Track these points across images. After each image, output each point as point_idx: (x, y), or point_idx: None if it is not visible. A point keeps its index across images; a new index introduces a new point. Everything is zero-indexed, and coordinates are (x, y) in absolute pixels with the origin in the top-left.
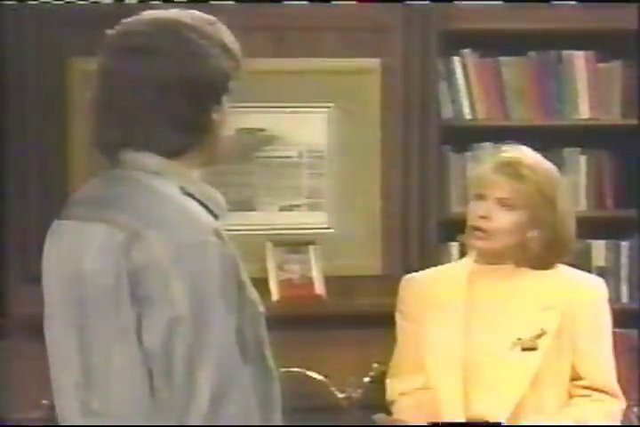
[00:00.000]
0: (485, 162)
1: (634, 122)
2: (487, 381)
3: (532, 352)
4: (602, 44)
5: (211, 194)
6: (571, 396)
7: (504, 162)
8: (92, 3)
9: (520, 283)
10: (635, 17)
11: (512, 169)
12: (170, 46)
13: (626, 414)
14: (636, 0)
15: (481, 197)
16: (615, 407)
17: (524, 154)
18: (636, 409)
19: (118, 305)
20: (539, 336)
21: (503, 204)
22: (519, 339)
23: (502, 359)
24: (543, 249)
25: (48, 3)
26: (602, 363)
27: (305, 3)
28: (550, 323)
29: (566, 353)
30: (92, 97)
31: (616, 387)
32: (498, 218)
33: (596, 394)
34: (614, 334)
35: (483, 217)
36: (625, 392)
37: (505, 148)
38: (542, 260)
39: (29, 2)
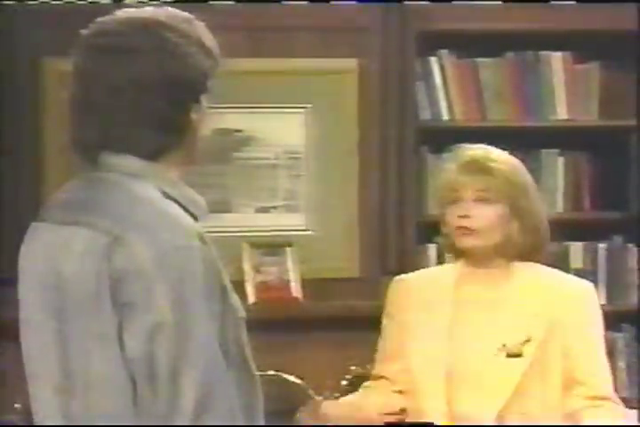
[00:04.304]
0: (449, 165)
1: (611, 123)
2: (471, 386)
3: (516, 359)
4: (579, 44)
5: (191, 196)
6: (570, 406)
7: (469, 160)
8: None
9: (508, 288)
10: (613, 18)
11: (479, 165)
12: (146, 46)
13: None
14: (635, 0)
15: (456, 199)
16: (620, 413)
17: (486, 150)
18: None
19: (99, 310)
20: (524, 343)
21: (480, 199)
22: (504, 345)
23: (486, 365)
24: (527, 239)
25: (24, 3)
26: (601, 369)
27: (282, 3)
28: (537, 330)
29: (554, 360)
30: (69, 98)
31: (613, 392)
32: (479, 214)
33: (600, 402)
34: None
35: (463, 216)
36: None
37: (464, 147)
38: (527, 252)
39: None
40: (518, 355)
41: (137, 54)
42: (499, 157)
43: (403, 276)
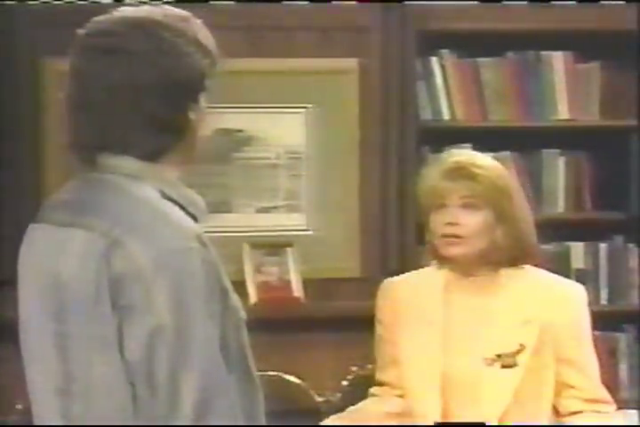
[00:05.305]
0: (433, 170)
1: (613, 123)
2: (467, 397)
3: (511, 369)
4: (580, 44)
5: (191, 197)
6: (567, 409)
7: (453, 167)
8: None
9: (498, 296)
10: (614, 18)
11: (464, 171)
12: (142, 46)
13: None
14: (636, 0)
15: (441, 205)
16: (616, 414)
17: (471, 155)
18: None
19: (99, 313)
20: (518, 352)
21: (466, 206)
22: (498, 356)
23: (482, 377)
24: (512, 246)
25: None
26: (593, 371)
27: (283, 3)
28: (529, 337)
29: (548, 366)
30: (65, 98)
31: (607, 394)
32: (465, 222)
33: (595, 406)
34: (594, 336)
35: (450, 224)
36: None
37: (448, 153)
38: (513, 258)
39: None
40: (513, 365)
41: (133, 54)
42: (483, 162)
43: (391, 280)
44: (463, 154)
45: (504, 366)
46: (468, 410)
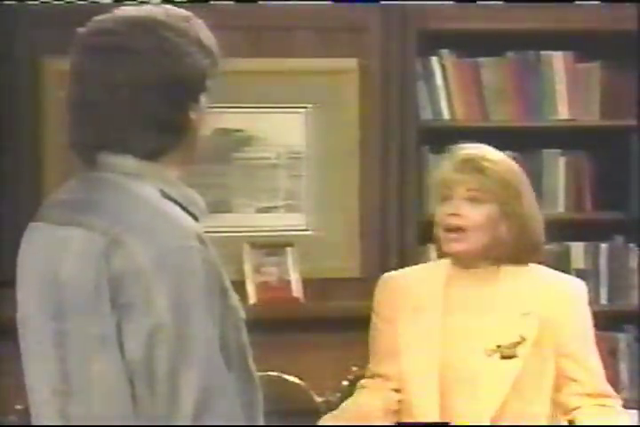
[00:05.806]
0: (444, 163)
1: (613, 123)
2: (466, 388)
3: (511, 360)
4: (580, 44)
5: (191, 196)
6: (570, 404)
7: (464, 159)
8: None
9: (498, 288)
10: (614, 18)
11: (473, 164)
12: (144, 45)
13: None
14: (636, 0)
15: (447, 197)
16: (621, 408)
17: (483, 149)
18: None
19: (98, 312)
20: (518, 343)
21: (471, 199)
22: (498, 346)
23: (481, 367)
24: (515, 243)
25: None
26: (595, 365)
27: (282, 2)
28: (529, 329)
29: (548, 359)
30: (66, 97)
31: (611, 388)
32: (468, 214)
33: (598, 400)
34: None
35: (453, 214)
36: None
37: (462, 146)
38: (516, 255)
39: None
40: (513, 356)
41: (135, 54)
42: (494, 157)
43: (390, 273)
44: (475, 147)
45: (503, 357)
46: (466, 401)
